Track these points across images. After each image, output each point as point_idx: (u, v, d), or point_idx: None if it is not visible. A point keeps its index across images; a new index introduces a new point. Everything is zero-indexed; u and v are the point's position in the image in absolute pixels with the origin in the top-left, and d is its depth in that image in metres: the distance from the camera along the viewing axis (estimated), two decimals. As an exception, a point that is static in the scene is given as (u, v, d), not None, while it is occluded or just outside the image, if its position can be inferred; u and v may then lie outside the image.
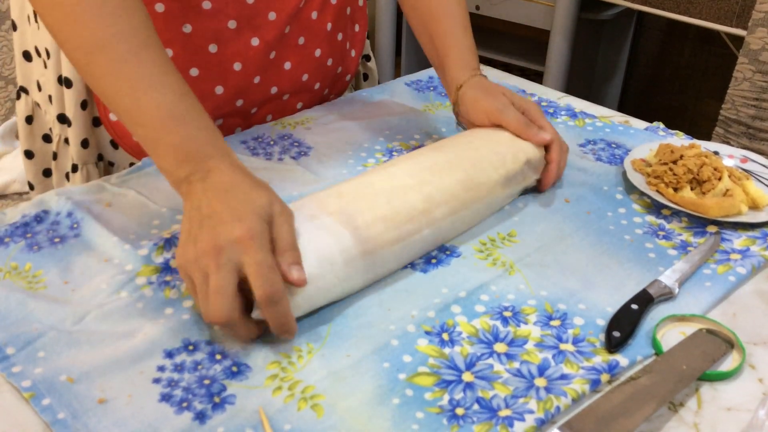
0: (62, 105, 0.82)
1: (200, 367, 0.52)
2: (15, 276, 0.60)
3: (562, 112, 0.92)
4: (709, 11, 1.54)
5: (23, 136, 0.89)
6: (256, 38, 0.80)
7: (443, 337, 0.56)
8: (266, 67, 0.83)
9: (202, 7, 0.75)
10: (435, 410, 0.49)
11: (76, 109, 0.80)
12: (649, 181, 0.74)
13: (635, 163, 0.77)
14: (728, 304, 0.61)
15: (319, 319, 0.57)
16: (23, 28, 0.84)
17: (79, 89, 0.79)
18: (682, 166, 0.72)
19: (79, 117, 0.80)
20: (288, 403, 0.50)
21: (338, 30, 0.90)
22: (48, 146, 0.88)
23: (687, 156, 0.73)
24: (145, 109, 0.58)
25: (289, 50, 0.84)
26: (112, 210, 0.69)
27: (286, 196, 0.70)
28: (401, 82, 1.00)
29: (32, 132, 0.88)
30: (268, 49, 0.82)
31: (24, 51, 0.85)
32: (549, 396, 0.50)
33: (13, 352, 0.53)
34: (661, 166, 0.74)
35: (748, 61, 1.33)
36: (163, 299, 0.58)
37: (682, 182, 0.72)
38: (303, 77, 0.88)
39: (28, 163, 0.90)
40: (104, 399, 0.49)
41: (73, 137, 0.81)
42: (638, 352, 0.55)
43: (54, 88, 0.81)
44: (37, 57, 0.84)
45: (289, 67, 0.85)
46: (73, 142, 0.82)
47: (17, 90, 0.88)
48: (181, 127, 0.58)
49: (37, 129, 0.88)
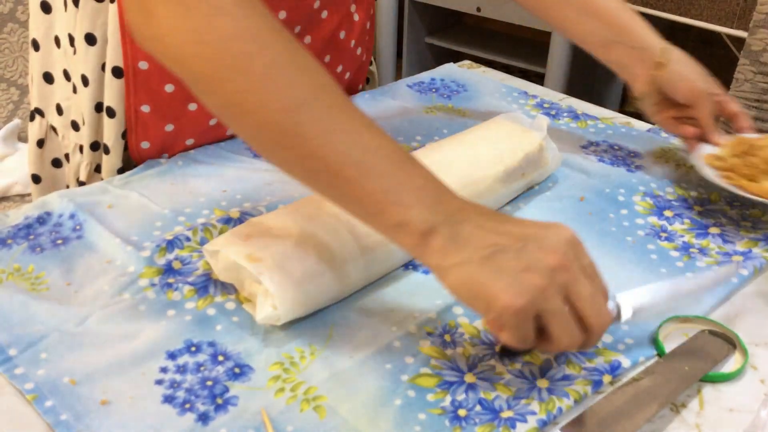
0: (97, 133, 0.80)
1: (203, 369, 0.52)
2: (17, 277, 0.60)
3: (564, 114, 0.93)
4: (710, 12, 1.54)
5: (32, 160, 0.86)
6: None
7: (445, 338, 0.56)
8: None
9: None
10: (437, 411, 0.49)
11: (117, 138, 0.78)
12: (724, 174, 0.72)
13: (706, 158, 0.75)
14: (730, 305, 0.61)
15: (321, 320, 0.57)
16: (48, 50, 0.81)
17: (121, 119, 0.77)
18: (760, 157, 0.71)
19: (119, 146, 0.79)
20: (290, 404, 0.50)
21: (359, 45, 0.92)
22: (57, 171, 0.86)
23: (763, 147, 0.72)
24: (380, 155, 0.50)
25: None
26: (115, 212, 0.69)
27: (286, 197, 0.70)
28: (403, 84, 1.00)
29: (42, 156, 0.86)
30: None
31: (45, 72, 0.82)
32: (551, 397, 0.50)
33: (16, 354, 0.53)
34: (737, 159, 0.72)
35: (749, 62, 1.33)
36: (165, 301, 0.58)
37: (758, 173, 0.70)
38: None
39: (35, 188, 0.87)
40: (107, 400, 0.49)
41: (110, 165, 0.80)
42: (640, 353, 0.55)
43: (90, 116, 0.79)
44: (64, 81, 0.81)
45: None
46: (108, 169, 0.80)
47: (32, 111, 0.85)
48: (422, 169, 0.50)
49: (48, 153, 0.86)
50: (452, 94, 0.98)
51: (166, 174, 0.76)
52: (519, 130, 0.74)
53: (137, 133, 0.77)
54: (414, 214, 0.48)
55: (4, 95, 1.89)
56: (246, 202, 0.71)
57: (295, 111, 0.49)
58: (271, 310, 0.54)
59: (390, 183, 0.49)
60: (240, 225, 0.60)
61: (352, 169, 0.49)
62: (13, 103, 1.90)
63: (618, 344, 0.55)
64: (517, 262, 0.46)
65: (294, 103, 0.49)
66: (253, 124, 0.51)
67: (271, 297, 0.54)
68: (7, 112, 1.91)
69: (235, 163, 0.78)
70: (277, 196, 0.72)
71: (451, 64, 1.07)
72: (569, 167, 0.79)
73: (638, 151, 0.84)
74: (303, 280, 0.55)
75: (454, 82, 1.01)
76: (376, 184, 0.49)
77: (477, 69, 1.07)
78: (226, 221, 0.67)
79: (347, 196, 0.51)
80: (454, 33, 2.44)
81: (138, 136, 0.77)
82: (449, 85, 1.00)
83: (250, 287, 0.57)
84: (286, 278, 0.54)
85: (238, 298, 0.59)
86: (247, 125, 0.51)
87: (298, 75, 0.50)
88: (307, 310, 0.56)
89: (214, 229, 0.66)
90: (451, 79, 1.02)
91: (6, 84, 1.88)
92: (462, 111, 0.93)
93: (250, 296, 0.58)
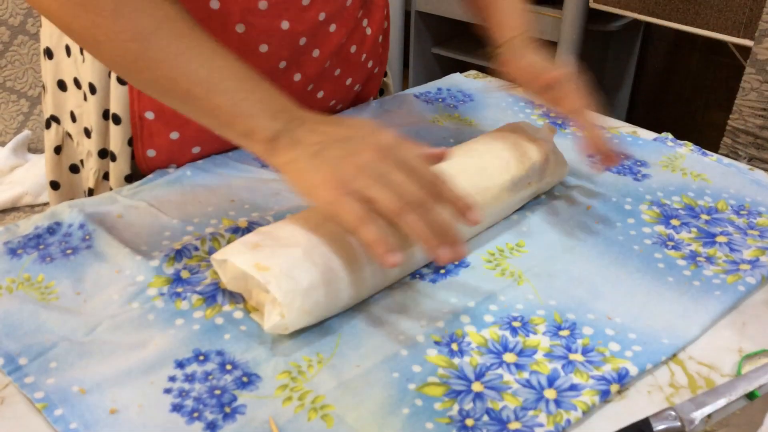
0: (105, 140, 0.81)
1: (211, 378, 0.53)
2: (28, 287, 0.61)
3: (570, 123, 0.93)
4: (717, 22, 1.54)
5: (50, 167, 0.87)
6: (299, 74, 0.82)
7: (452, 347, 0.56)
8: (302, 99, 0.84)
9: (259, 50, 0.76)
10: (445, 420, 0.49)
11: (123, 145, 0.79)
12: None
13: None
14: (737, 313, 0.61)
15: (328, 329, 0.57)
16: (60, 58, 0.82)
17: (126, 126, 0.78)
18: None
19: (125, 153, 0.80)
20: (298, 413, 0.50)
21: (370, 58, 0.92)
22: (75, 177, 0.87)
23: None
24: (224, 73, 0.57)
25: (325, 81, 0.86)
26: (124, 221, 0.69)
27: (294, 207, 0.71)
28: (410, 94, 1.00)
29: (60, 162, 0.87)
30: (308, 82, 0.84)
31: (59, 80, 0.84)
32: (559, 410, 0.50)
33: (26, 363, 0.53)
34: None
35: (755, 71, 1.33)
36: (174, 310, 0.59)
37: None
38: (331, 103, 0.90)
39: (53, 194, 0.88)
40: (116, 409, 0.50)
41: (117, 172, 0.81)
42: (648, 360, 0.55)
43: (96, 123, 0.80)
44: (75, 89, 0.82)
45: (322, 95, 0.87)
46: (115, 176, 0.81)
47: (47, 118, 0.86)
48: (263, 84, 0.58)
49: (65, 159, 0.87)
50: (459, 104, 0.98)
51: (174, 184, 0.76)
52: (526, 138, 0.74)
53: (143, 140, 0.78)
54: (258, 122, 0.56)
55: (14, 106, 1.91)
56: (254, 211, 0.72)
57: (144, 39, 0.57)
58: (279, 318, 0.54)
59: (235, 97, 0.57)
60: (248, 234, 0.60)
61: (200, 87, 0.57)
62: (23, 114, 1.92)
63: (625, 351, 0.55)
64: (338, 153, 0.54)
65: (143, 33, 0.56)
66: (107, 53, 0.58)
67: (279, 306, 0.54)
68: (17, 123, 1.92)
69: (243, 173, 0.79)
70: (284, 205, 0.72)
71: (458, 74, 1.08)
72: (576, 176, 0.79)
73: (645, 160, 0.84)
74: (311, 289, 0.55)
75: (460, 92, 1.02)
76: (223, 98, 0.57)
77: (483, 79, 1.08)
78: (234, 231, 0.67)
79: (199, 111, 0.58)
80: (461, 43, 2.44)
81: (144, 144, 0.78)
82: (456, 95, 1.00)
83: (257, 296, 0.57)
84: (294, 287, 0.54)
85: (246, 307, 0.59)
86: (103, 54, 0.59)
87: (145, 6, 0.57)
88: (314, 318, 0.56)
89: (222, 238, 0.67)
90: (458, 89, 1.02)
91: (16, 95, 1.90)
92: (469, 120, 0.93)
93: (258, 305, 0.58)
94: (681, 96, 2.25)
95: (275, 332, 0.56)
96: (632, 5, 1.68)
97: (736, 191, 0.78)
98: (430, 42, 2.41)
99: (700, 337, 0.58)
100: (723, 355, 0.56)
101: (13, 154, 1.86)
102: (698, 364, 0.55)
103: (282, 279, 0.54)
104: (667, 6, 1.61)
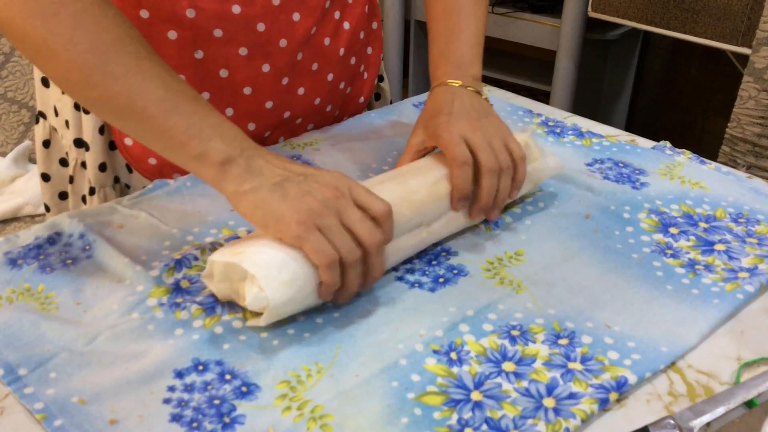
0: (79, 130, 0.83)
1: (210, 387, 0.53)
2: (28, 297, 0.61)
3: (569, 132, 0.93)
4: (715, 30, 1.55)
5: (41, 160, 0.90)
6: (266, 65, 0.82)
7: (451, 356, 0.56)
8: (279, 93, 0.84)
9: (214, 35, 0.77)
10: (444, 430, 0.49)
11: (95, 134, 0.81)
12: None
13: None
14: (736, 321, 0.61)
15: (327, 338, 0.58)
16: None
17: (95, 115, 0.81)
18: None
19: (98, 141, 0.82)
20: (297, 422, 0.50)
21: (351, 54, 0.92)
22: (64, 170, 0.90)
23: None
24: (181, 97, 0.59)
25: (302, 76, 0.86)
26: (124, 232, 0.70)
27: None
28: (409, 104, 1.01)
29: (49, 155, 0.90)
30: (279, 74, 0.83)
31: (42, 77, 0.87)
32: (558, 419, 0.50)
33: (26, 373, 0.53)
34: None
35: (753, 79, 1.34)
36: (173, 320, 0.59)
37: None
38: (315, 101, 0.89)
39: (45, 186, 0.91)
40: (115, 420, 0.50)
41: (91, 161, 0.83)
42: (647, 368, 0.55)
43: (71, 114, 0.83)
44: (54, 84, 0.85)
45: (303, 92, 0.87)
46: (90, 165, 0.83)
47: (36, 115, 0.90)
48: (218, 112, 0.60)
49: (54, 153, 0.90)
50: (458, 113, 0.98)
51: (174, 194, 0.76)
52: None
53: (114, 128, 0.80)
54: (212, 146, 0.57)
55: (15, 117, 1.91)
56: (253, 221, 0.72)
57: (102, 53, 0.57)
58: (258, 290, 0.54)
59: (190, 120, 0.58)
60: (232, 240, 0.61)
61: (157, 106, 0.57)
62: (24, 124, 1.93)
63: (624, 360, 0.55)
64: (299, 189, 0.56)
65: (101, 46, 0.57)
66: (63, 65, 0.57)
67: (256, 281, 0.55)
68: (18, 133, 1.93)
69: (242, 183, 0.79)
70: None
71: (457, 84, 1.08)
72: (574, 185, 0.80)
73: (643, 169, 0.84)
74: (286, 261, 0.56)
75: (459, 101, 1.02)
76: (179, 119, 0.57)
77: (483, 88, 1.08)
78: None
79: (152, 131, 0.59)
80: (460, 52, 2.45)
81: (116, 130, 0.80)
82: (455, 105, 1.01)
83: (242, 290, 0.57)
84: (269, 260, 0.56)
85: (244, 316, 0.59)
86: (57, 65, 0.58)
87: (106, 23, 0.58)
88: (295, 293, 0.56)
89: (221, 248, 0.67)
90: (457, 99, 1.02)
91: (17, 106, 1.90)
92: (467, 130, 0.93)
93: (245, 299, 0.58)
94: (680, 104, 2.26)
95: (257, 308, 0.55)
96: (631, 14, 1.69)
97: (734, 199, 0.78)
98: (429, 51, 2.42)
99: (699, 345, 0.58)
100: (722, 363, 0.56)
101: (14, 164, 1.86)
102: (697, 372, 0.55)
103: (255, 255, 0.56)
104: (666, 14, 1.62)
